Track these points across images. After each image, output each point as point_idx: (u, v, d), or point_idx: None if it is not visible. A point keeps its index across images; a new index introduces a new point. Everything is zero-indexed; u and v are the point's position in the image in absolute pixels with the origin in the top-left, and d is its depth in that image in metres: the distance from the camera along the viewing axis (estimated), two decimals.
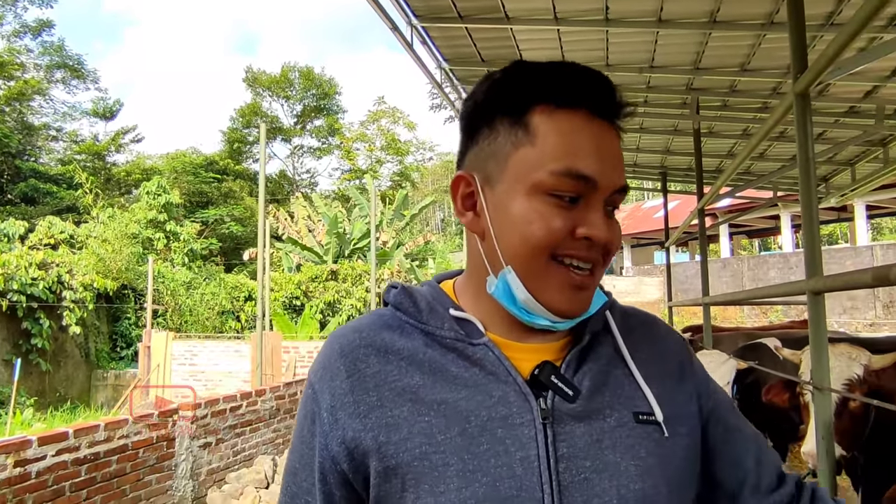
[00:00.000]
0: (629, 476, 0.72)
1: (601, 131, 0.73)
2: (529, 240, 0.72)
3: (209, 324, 17.34)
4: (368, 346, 0.78)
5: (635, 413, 0.76)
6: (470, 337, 0.77)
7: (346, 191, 33.33)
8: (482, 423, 0.71)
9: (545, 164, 0.71)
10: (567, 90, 0.72)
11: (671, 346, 0.88)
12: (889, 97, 5.23)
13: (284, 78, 42.37)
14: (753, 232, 28.98)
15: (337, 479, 0.75)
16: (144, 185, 22.46)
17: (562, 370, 0.76)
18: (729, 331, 6.71)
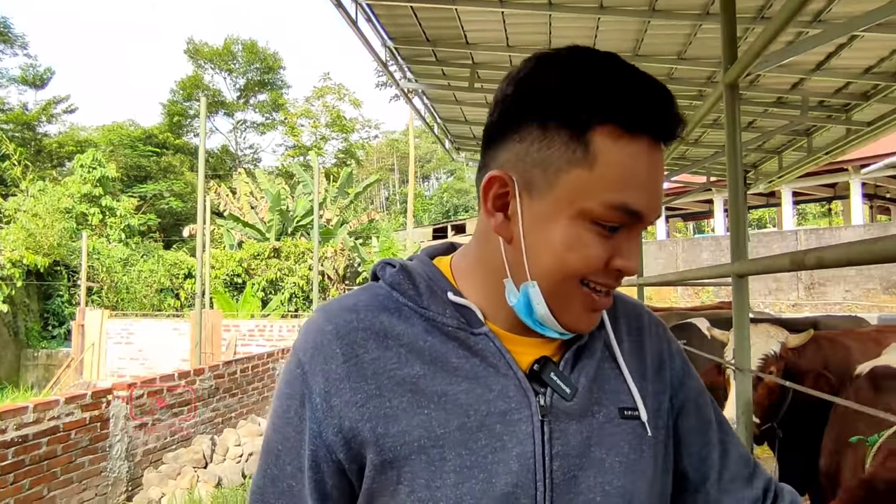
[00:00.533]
0: (613, 472, 0.73)
1: (657, 160, 0.69)
2: (565, 265, 0.69)
3: (147, 302, 16.90)
4: (367, 330, 0.74)
5: (621, 409, 0.77)
6: (470, 325, 0.75)
7: (290, 167, 32.78)
8: (481, 418, 0.71)
9: (600, 193, 0.67)
10: (637, 113, 0.67)
11: (653, 338, 0.87)
12: (814, 89, 5.47)
13: (227, 50, 41.11)
14: (688, 215, 29.93)
15: (331, 469, 0.72)
16: (78, 158, 21.53)
17: (560, 367, 0.76)
18: (662, 311, 6.95)
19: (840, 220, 26.33)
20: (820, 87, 5.44)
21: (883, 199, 23.50)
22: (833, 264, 1.65)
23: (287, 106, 44.70)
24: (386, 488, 0.69)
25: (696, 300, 19.35)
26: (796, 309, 16.95)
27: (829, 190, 22.97)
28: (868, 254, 1.51)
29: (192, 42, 41.69)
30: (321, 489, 0.72)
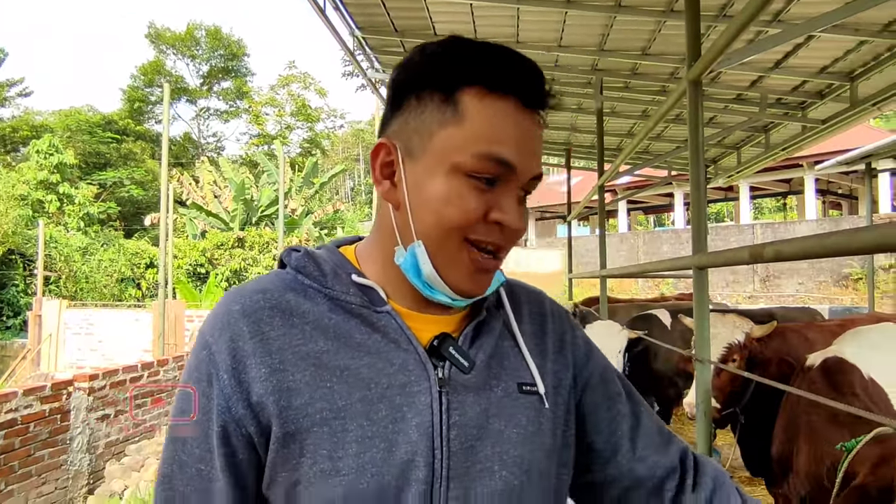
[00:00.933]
0: (510, 443, 0.76)
1: (526, 121, 0.74)
2: (444, 219, 0.73)
3: (107, 291, 16.49)
4: (273, 308, 0.76)
5: (519, 384, 0.80)
6: (373, 304, 0.78)
7: (254, 156, 32.29)
8: (382, 390, 0.73)
9: (469, 146, 0.71)
10: (500, 76, 0.72)
11: (554, 320, 0.91)
12: (772, 87, 5.63)
13: (190, 36, 40.21)
14: (649, 208, 30.41)
15: (241, 442, 0.73)
16: (34, 144, 20.84)
17: (459, 342, 0.78)
18: (624, 302, 7.08)
19: (794, 214, 27.05)
20: (778, 86, 5.60)
21: (835, 195, 24.25)
22: (790, 257, 1.71)
23: (251, 94, 43.99)
24: (289, 461, 0.71)
25: (657, 292, 19.73)
26: (752, 300, 17.42)
27: (784, 185, 23.59)
28: (821, 248, 1.57)
29: (153, 26, 40.69)
30: (233, 463, 0.73)
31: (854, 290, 16.70)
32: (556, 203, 30.11)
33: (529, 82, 0.74)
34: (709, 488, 0.84)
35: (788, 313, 4.71)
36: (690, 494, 0.83)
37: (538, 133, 0.76)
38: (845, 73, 5.05)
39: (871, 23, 4.14)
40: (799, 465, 2.13)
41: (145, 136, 36.06)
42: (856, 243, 1.37)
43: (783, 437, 2.30)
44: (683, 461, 0.86)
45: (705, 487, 0.84)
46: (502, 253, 0.77)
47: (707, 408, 2.68)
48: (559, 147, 9.02)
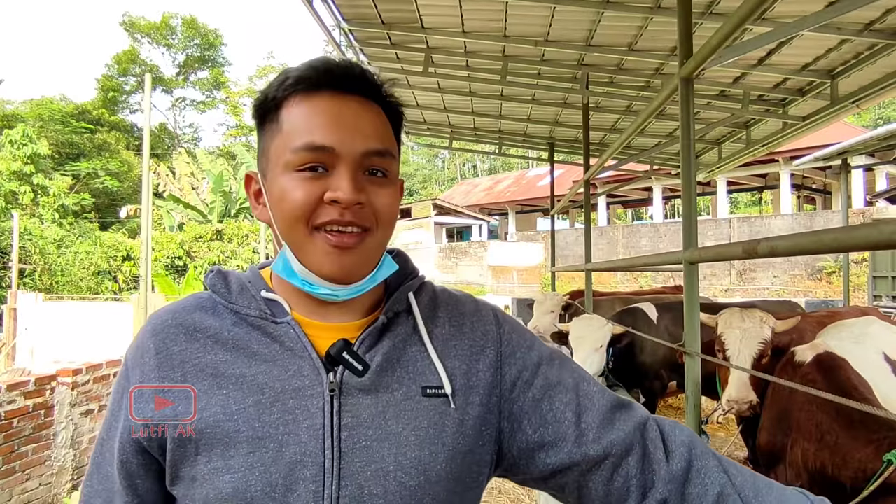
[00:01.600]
0: (408, 445, 0.79)
1: (344, 105, 0.80)
2: (285, 213, 0.79)
3: (83, 284, 16.21)
4: (179, 326, 0.83)
5: (424, 387, 0.83)
6: (275, 316, 0.83)
7: (232, 147, 31.93)
8: (275, 395, 0.78)
9: (288, 144, 0.78)
10: (311, 77, 0.80)
11: (476, 320, 0.92)
12: (754, 84, 5.70)
13: (165, 25, 39.61)
14: (628, 202, 30.70)
15: (133, 447, 0.80)
16: (7, 134, 20.39)
17: (355, 347, 0.82)
18: (607, 295, 7.15)
19: (770, 208, 27.51)
20: (760, 82, 5.68)
21: (809, 190, 24.68)
22: (784, 253, 1.75)
23: (229, 84, 43.48)
24: (186, 459, 0.77)
25: (636, 285, 19.95)
26: (729, 294, 17.69)
27: (760, 180, 23.97)
28: (818, 244, 1.61)
29: (128, 15, 40.05)
30: (128, 469, 0.81)
31: (828, 283, 17.06)
32: (535, 197, 30.28)
33: (340, 74, 0.80)
34: (683, 458, 0.82)
35: (770, 307, 4.80)
36: (663, 467, 0.81)
37: (363, 112, 0.81)
38: (826, 71, 5.13)
39: (852, 22, 4.22)
40: (794, 459, 2.17)
41: (120, 126, 35.53)
42: (853, 240, 1.41)
43: (774, 430, 2.34)
44: (644, 433, 0.84)
45: (679, 458, 0.82)
46: (368, 234, 0.80)
47: (697, 400, 2.73)
48: (543, 141, 9.06)
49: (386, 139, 0.83)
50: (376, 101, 0.84)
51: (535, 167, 37.69)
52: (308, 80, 0.79)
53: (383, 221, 0.82)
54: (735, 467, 0.84)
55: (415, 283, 0.92)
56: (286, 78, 0.80)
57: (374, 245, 0.82)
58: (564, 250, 23.03)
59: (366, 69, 0.83)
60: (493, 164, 50.61)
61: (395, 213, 0.84)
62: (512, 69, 5.83)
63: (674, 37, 4.81)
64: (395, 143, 0.86)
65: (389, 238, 0.86)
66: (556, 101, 6.87)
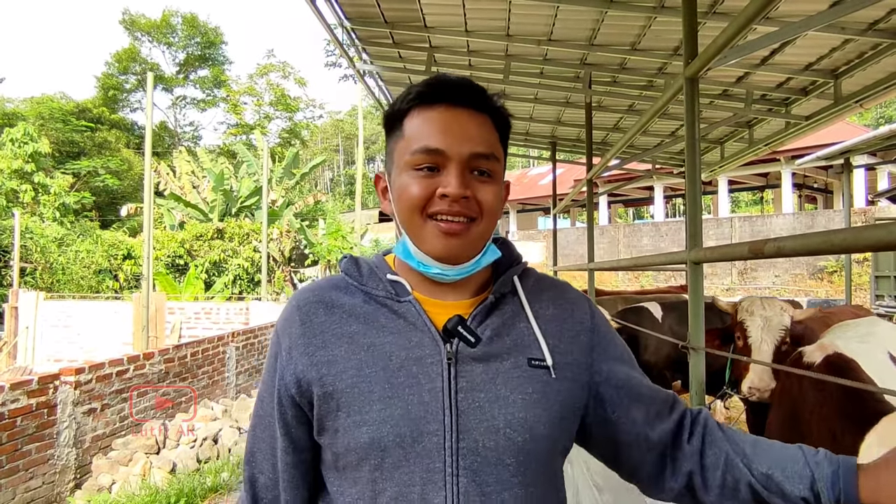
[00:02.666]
0: (516, 406, 0.92)
1: (455, 116, 0.94)
2: (403, 204, 0.94)
3: (84, 283, 16.19)
4: (319, 302, 1.00)
5: (529, 359, 0.96)
6: (399, 295, 0.98)
7: (233, 146, 31.93)
8: (401, 362, 0.92)
9: (408, 148, 0.94)
10: (430, 92, 0.95)
11: (576, 308, 1.06)
12: (757, 83, 5.70)
13: (166, 23, 39.59)
14: (629, 201, 30.67)
15: (288, 402, 0.97)
16: (8, 132, 20.36)
17: (468, 322, 0.96)
18: (612, 294, 7.14)
19: (771, 208, 27.47)
20: (763, 82, 5.67)
21: (811, 189, 24.67)
22: (792, 253, 1.75)
23: (229, 83, 43.45)
24: (329, 413, 0.92)
25: (637, 284, 19.94)
26: (730, 293, 17.67)
27: (761, 179, 23.95)
28: (827, 245, 1.61)
29: (128, 13, 39.99)
30: (284, 419, 0.98)
31: (829, 282, 17.03)
32: (536, 195, 30.26)
33: (453, 89, 0.95)
34: (699, 435, 0.99)
35: None
36: (686, 446, 0.99)
37: (472, 122, 0.95)
38: (830, 71, 5.13)
39: (856, 21, 4.21)
40: None
41: (120, 124, 35.53)
42: (863, 241, 1.41)
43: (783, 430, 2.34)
44: (682, 422, 1.02)
45: (697, 436, 0.99)
46: (474, 222, 0.94)
47: (702, 396, 2.73)
48: (545, 140, 9.05)
49: (490, 144, 0.96)
50: (485, 111, 0.97)
51: (536, 166, 37.66)
52: (426, 95, 0.95)
53: (487, 213, 0.95)
54: (738, 435, 0.99)
55: (519, 268, 1.06)
56: (409, 94, 0.96)
57: (478, 233, 0.95)
58: (565, 249, 23.01)
59: (476, 85, 0.97)
60: None
61: (498, 207, 0.97)
62: (515, 68, 5.82)
63: (677, 36, 4.80)
64: (500, 148, 0.99)
65: (493, 229, 0.99)
66: (559, 100, 6.87)
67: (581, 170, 19.58)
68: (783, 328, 2.93)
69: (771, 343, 2.94)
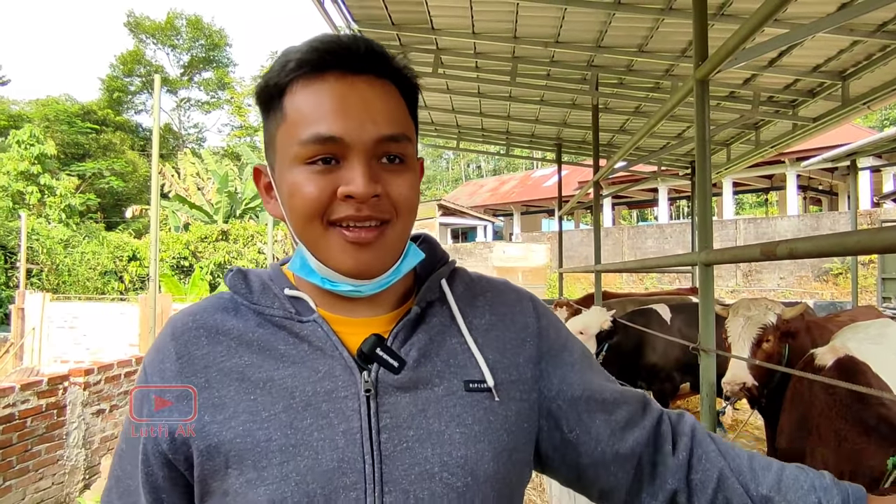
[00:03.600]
0: (453, 443, 0.74)
1: (351, 87, 0.73)
2: (297, 210, 0.74)
3: (90, 284, 16.25)
4: (200, 328, 0.78)
5: (466, 381, 0.78)
6: (300, 314, 0.78)
7: (237, 148, 32.03)
8: (307, 398, 0.73)
9: (295, 136, 0.72)
10: (312, 59, 0.73)
11: (517, 312, 0.88)
12: (764, 85, 5.70)
13: (170, 25, 39.77)
14: (633, 203, 30.63)
15: (158, 460, 0.75)
16: (14, 134, 20.47)
17: (388, 342, 0.77)
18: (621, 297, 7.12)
19: (776, 210, 27.42)
20: (770, 83, 5.67)
21: (815, 191, 24.61)
22: (804, 255, 1.75)
23: (233, 84, 43.59)
24: (217, 473, 0.72)
25: (641, 286, 19.93)
26: (735, 295, 17.64)
27: (766, 181, 23.90)
28: (840, 247, 1.61)
29: (132, 15, 40.17)
30: (152, 482, 0.75)
31: (834, 284, 16.99)
32: (540, 197, 30.26)
33: (345, 53, 0.73)
34: (686, 447, 0.83)
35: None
36: (671, 460, 0.82)
37: (373, 95, 0.74)
38: (837, 72, 5.13)
39: (865, 23, 4.21)
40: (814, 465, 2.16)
41: (125, 126, 35.67)
42: (878, 243, 1.41)
43: (793, 434, 2.34)
44: (659, 428, 0.85)
45: (682, 448, 0.83)
46: (388, 226, 0.75)
47: (712, 399, 2.74)
48: (550, 142, 9.06)
49: (400, 121, 0.76)
50: (387, 77, 0.76)
51: (541, 168, 37.67)
52: (310, 63, 0.72)
53: (403, 211, 0.76)
54: (733, 450, 0.83)
55: (446, 270, 0.87)
56: (287, 61, 0.73)
57: (394, 237, 0.76)
58: (570, 251, 22.99)
59: (373, 43, 0.75)
60: (497, 165, 50.61)
61: (415, 200, 0.78)
62: (521, 70, 5.84)
63: (684, 38, 4.81)
64: (410, 123, 0.79)
65: (411, 227, 0.80)
66: (565, 102, 6.88)
67: (585, 172, 19.58)
68: (762, 325, 2.92)
69: (747, 341, 2.94)
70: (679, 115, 6.56)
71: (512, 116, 7.78)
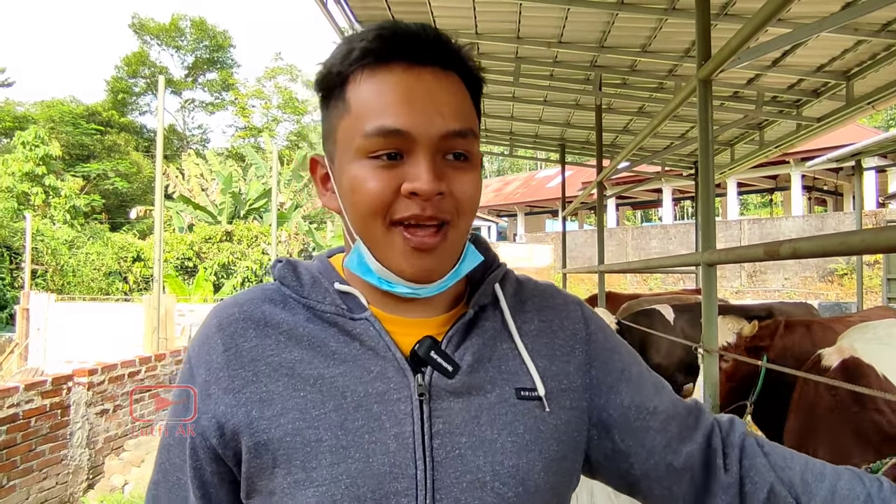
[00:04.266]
0: (504, 452, 0.72)
1: (418, 79, 0.70)
2: (358, 207, 0.71)
3: (94, 285, 16.31)
4: (247, 320, 0.76)
5: (517, 389, 0.76)
6: (352, 311, 0.76)
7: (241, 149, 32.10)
8: (358, 399, 0.71)
9: (359, 128, 0.70)
10: (378, 48, 0.70)
11: (565, 317, 0.86)
12: (768, 85, 5.68)
13: (174, 27, 39.93)
14: (637, 204, 30.58)
15: (207, 455, 0.73)
16: (19, 135, 20.56)
17: (443, 345, 0.75)
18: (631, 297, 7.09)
19: (780, 210, 27.34)
20: (774, 83, 5.66)
21: (820, 191, 24.52)
22: (808, 255, 1.74)
23: (237, 86, 43.74)
24: (263, 471, 0.70)
25: (645, 287, 19.89)
26: (739, 296, 17.59)
27: (770, 181, 23.83)
28: (844, 246, 1.60)
29: (137, 17, 40.35)
30: (200, 476, 0.74)
31: (839, 285, 16.93)
32: (544, 198, 30.25)
33: (412, 42, 0.70)
34: (736, 460, 0.80)
35: (786, 308, 4.79)
36: (723, 476, 0.79)
37: (440, 87, 0.71)
38: (842, 72, 5.11)
39: (869, 22, 4.20)
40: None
41: (129, 127, 35.81)
42: (883, 242, 1.40)
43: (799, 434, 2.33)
44: (710, 441, 0.82)
45: (733, 462, 0.80)
46: (449, 228, 0.73)
47: (715, 399, 2.73)
48: (554, 143, 9.05)
49: (467, 116, 0.73)
50: (454, 69, 0.73)
51: (544, 168, 37.65)
52: (375, 52, 0.70)
53: (465, 211, 0.73)
54: (784, 459, 0.80)
55: (499, 273, 0.84)
56: (351, 49, 0.71)
57: (456, 239, 0.74)
58: (573, 251, 22.96)
59: (440, 33, 0.72)
60: (501, 166, 50.61)
61: (477, 200, 0.75)
62: (524, 71, 5.84)
63: (688, 38, 4.80)
64: (475, 118, 0.76)
65: (470, 226, 0.77)
66: (569, 102, 6.87)
67: (589, 172, 19.59)
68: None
69: None
70: (682, 115, 6.55)
71: (515, 117, 7.77)
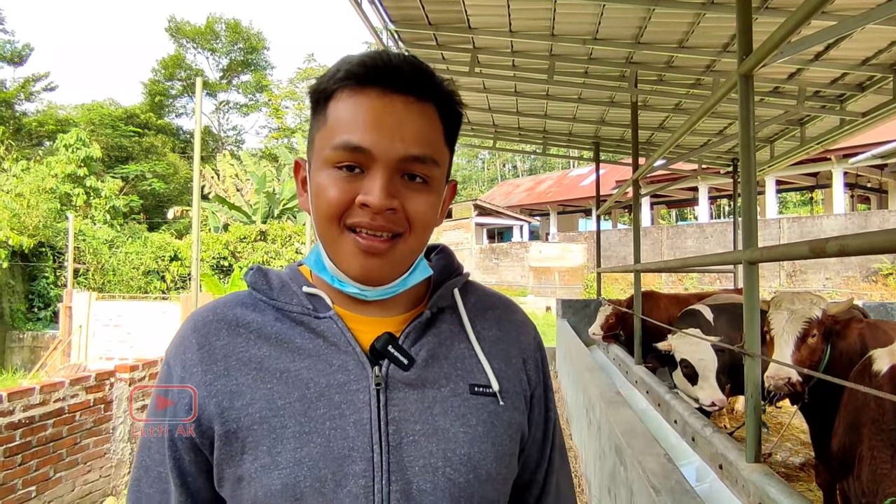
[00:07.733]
0: (457, 441, 0.79)
1: (389, 104, 0.75)
2: (319, 211, 0.78)
3: (134, 284, 16.71)
4: (220, 321, 0.83)
5: (472, 385, 0.83)
6: (317, 311, 0.83)
7: (275, 149, 32.54)
8: (320, 389, 0.77)
9: (330, 140, 0.76)
10: (361, 72, 0.76)
11: (523, 334, 0.95)
12: (810, 80, 5.55)
13: (209, 29, 40.66)
14: (672, 202, 30.13)
15: (185, 445, 0.80)
16: (62, 138, 21.13)
17: (400, 341, 0.82)
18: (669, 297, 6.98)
19: (821, 208, 26.67)
20: (816, 78, 5.52)
21: (863, 189, 23.83)
22: (856, 252, 1.69)
23: (271, 87, 44.30)
24: (232, 458, 0.76)
25: (680, 287, 19.59)
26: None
27: (811, 179, 23.24)
28: (892, 243, 1.56)
29: (173, 20, 41.17)
30: (179, 466, 0.80)
31: (884, 285, 16.42)
32: (577, 197, 30.01)
33: (389, 71, 0.76)
34: None
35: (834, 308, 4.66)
36: None
37: (409, 115, 0.77)
38: (888, 65, 4.96)
39: None
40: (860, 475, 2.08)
41: (166, 129, 36.56)
42: None
43: (844, 438, 2.26)
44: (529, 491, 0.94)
45: None
46: (400, 239, 0.78)
47: (757, 402, 2.66)
48: (588, 141, 8.97)
49: (430, 144, 0.78)
50: (430, 100, 0.79)
51: (577, 167, 37.35)
52: (357, 76, 0.76)
53: (417, 227, 0.78)
54: None
55: (459, 280, 0.92)
56: (338, 70, 0.78)
57: (405, 250, 0.79)
58: (607, 251, 22.74)
59: (421, 66, 0.78)
60: (533, 165, 50.37)
61: (432, 219, 0.81)
62: (559, 68, 5.79)
63: (727, 32, 4.71)
64: (443, 147, 0.81)
65: (425, 243, 0.84)
66: (603, 99, 6.81)
67: (622, 170, 19.39)
68: (807, 319, 2.84)
69: (792, 335, 2.86)
70: (720, 111, 6.44)
71: (549, 115, 7.72)
